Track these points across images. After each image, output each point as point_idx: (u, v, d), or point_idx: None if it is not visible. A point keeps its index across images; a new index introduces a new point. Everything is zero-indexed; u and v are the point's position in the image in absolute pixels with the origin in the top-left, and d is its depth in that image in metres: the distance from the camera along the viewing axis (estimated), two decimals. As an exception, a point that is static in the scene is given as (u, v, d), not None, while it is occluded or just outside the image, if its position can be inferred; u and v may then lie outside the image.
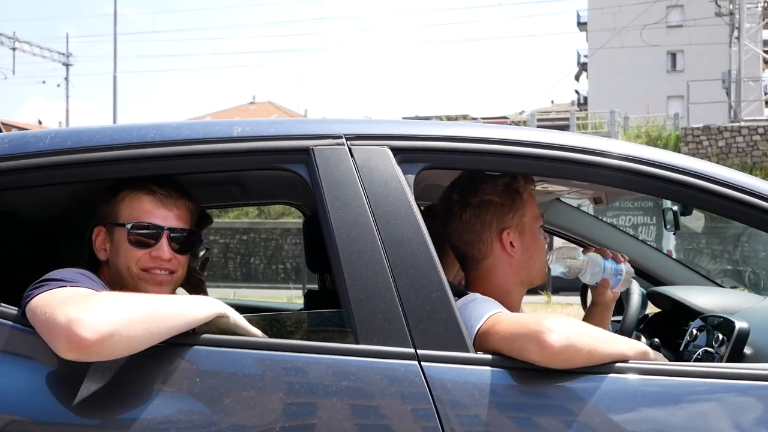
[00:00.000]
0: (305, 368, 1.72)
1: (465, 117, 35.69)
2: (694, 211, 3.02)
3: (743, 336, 2.37)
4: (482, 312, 1.95)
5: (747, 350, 2.42)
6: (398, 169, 1.89)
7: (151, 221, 1.99)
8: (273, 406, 1.67)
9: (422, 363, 1.71)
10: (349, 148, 1.90)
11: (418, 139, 1.97)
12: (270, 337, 1.86)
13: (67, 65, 37.68)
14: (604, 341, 1.81)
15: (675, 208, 3.11)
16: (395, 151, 1.91)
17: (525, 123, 28.94)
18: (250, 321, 1.79)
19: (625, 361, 1.79)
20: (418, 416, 1.69)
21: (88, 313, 1.54)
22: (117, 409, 1.64)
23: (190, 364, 1.68)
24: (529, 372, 1.75)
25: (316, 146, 1.90)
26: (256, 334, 1.79)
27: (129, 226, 1.98)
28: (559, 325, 1.73)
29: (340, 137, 1.92)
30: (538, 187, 2.58)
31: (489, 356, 1.78)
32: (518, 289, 2.27)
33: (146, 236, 1.99)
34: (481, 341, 1.87)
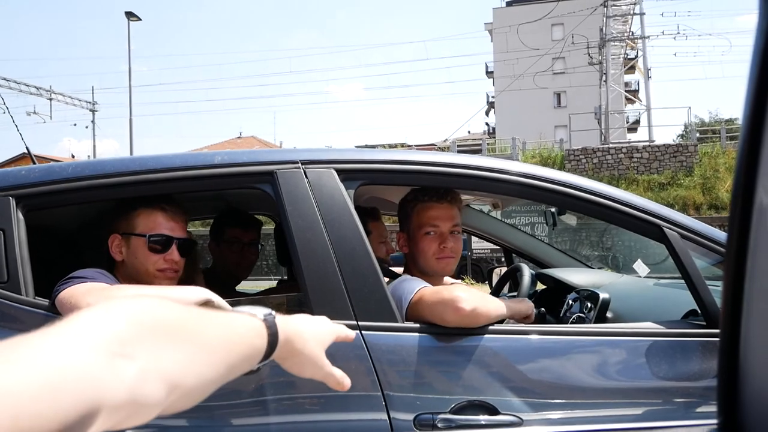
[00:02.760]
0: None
1: (402, 144, 35.73)
2: (569, 211, 3.06)
3: (605, 304, 2.42)
4: (412, 288, 1.97)
5: (609, 314, 2.47)
6: (341, 186, 1.90)
7: (164, 233, 1.98)
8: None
9: (362, 332, 1.73)
10: (304, 171, 1.91)
11: (356, 163, 1.99)
12: None
13: (93, 111, 36.89)
14: (494, 305, 1.87)
15: (553, 209, 3.16)
16: (339, 172, 1.92)
17: (448, 148, 29.07)
18: (231, 304, 1.79)
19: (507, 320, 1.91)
20: (361, 372, 1.70)
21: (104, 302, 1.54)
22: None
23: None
24: (449, 335, 1.78)
25: (278, 170, 1.91)
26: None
27: (148, 236, 1.96)
28: (467, 294, 1.78)
29: (296, 162, 1.92)
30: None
31: (415, 324, 1.81)
32: (422, 276, 2.18)
33: (161, 243, 1.97)
34: (413, 310, 1.90)
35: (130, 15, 27.53)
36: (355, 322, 1.74)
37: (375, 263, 1.83)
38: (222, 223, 2.84)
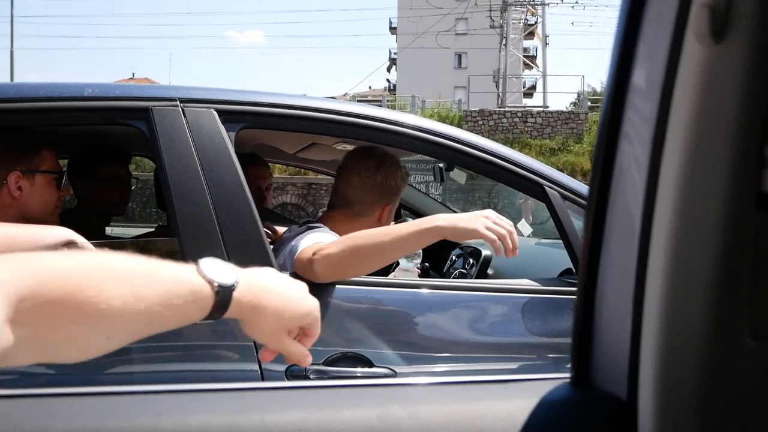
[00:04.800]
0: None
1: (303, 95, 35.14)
2: (457, 168, 3.06)
3: (487, 261, 2.47)
4: (310, 240, 1.88)
5: (490, 271, 2.52)
6: (222, 128, 1.81)
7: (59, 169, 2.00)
8: None
9: None
10: (182, 109, 1.80)
11: (238, 104, 1.88)
12: None
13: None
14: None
15: (441, 165, 3.15)
16: (220, 113, 1.83)
17: (348, 102, 28.86)
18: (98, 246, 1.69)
19: None
20: (233, 322, 1.64)
21: None
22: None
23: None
24: (327, 286, 1.74)
25: (154, 106, 1.79)
26: None
27: (57, 172, 1.96)
28: (323, 253, 1.67)
29: (174, 100, 1.81)
30: (339, 147, 2.54)
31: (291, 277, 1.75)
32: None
33: (60, 179, 1.99)
34: (297, 263, 1.80)
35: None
36: (230, 271, 1.67)
37: (254, 211, 1.76)
38: (94, 160, 2.65)
